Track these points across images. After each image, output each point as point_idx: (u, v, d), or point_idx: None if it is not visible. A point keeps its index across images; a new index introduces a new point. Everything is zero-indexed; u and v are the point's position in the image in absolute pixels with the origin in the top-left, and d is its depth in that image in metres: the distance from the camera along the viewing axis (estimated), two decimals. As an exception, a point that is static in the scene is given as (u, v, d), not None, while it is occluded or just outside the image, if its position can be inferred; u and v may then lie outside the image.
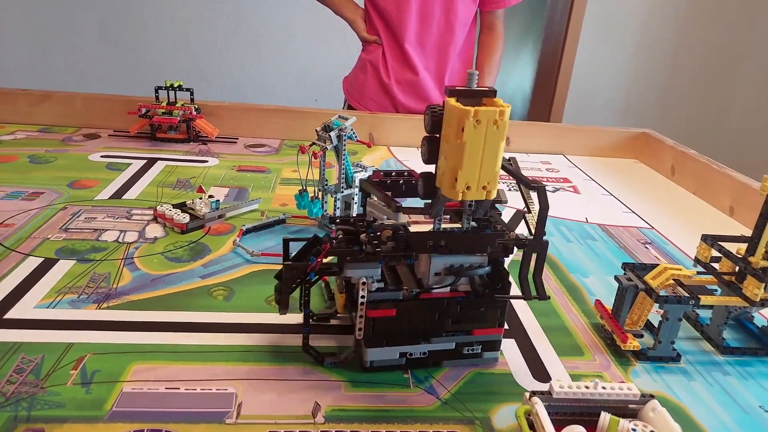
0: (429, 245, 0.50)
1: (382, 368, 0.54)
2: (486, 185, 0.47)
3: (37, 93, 1.22)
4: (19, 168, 0.98)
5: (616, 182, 1.19)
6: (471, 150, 0.45)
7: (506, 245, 0.53)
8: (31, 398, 0.47)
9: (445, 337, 0.54)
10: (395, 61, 1.41)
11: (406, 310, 0.52)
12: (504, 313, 0.55)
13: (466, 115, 0.44)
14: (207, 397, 0.49)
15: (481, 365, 0.56)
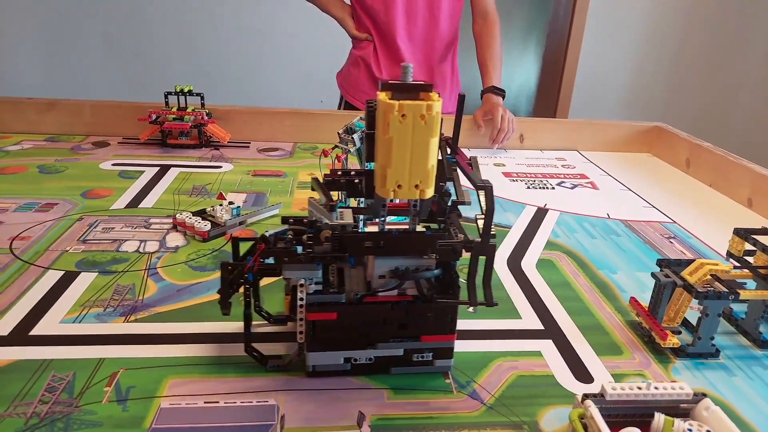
0: (365, 246, 0.48)
1: (326, 373, 0.52)
2: (418, 184, 0.44)
3: (44, 101, 1.20)
4: (29, 179, 0.96)
5: (631, 177, 1.18)
6: (398, 146, 0.43)
7: (454, 248, 0.49)
8: (66, 418, 0.46)
9: (392, 342, 0.51)
10: (386, 57, 1.40)
11: (348, 313, 0.50)
12: (455, 319, 0.52)
13: (390, 109, 0.42)
14: (248, 410, 0.48)
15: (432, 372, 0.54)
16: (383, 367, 0.53)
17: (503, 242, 0.84)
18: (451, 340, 0.53)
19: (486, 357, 0.57)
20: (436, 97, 0.43)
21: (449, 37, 1.42)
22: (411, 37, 1.38)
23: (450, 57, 1.47)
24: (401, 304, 0.50)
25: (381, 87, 0.44)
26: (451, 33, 1.42)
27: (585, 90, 2.60)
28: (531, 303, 0.68)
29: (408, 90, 0.43)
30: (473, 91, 1.41)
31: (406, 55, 1.39)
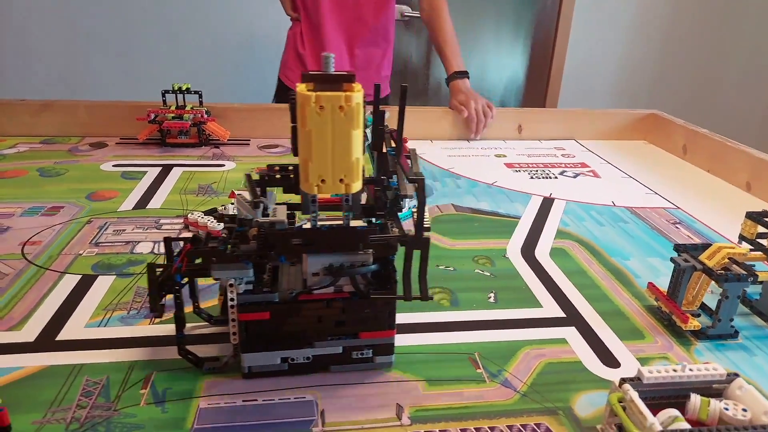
0: (292, 244, 0.47)
1: (262, 374, 0.51)
2: (343, 178, 0.43)
3: (37, 103, 1.18)
4: (31, 182, 0.94)
5: (630, 164, 1.20)
6: (317, 139, 0.42)
7: (389, 242, 0.49)
8: (106, 422, 0.46)
9: (330, 341, 0.51)
10: (309, 36, 1.40)
11: (281, 313, 0.49)
12: (393, 315, 0.51)
13: (307, 101, 0.41)
14: (287, 406, 0.48)
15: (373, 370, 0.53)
16: (322, 366, 0.52)
17: (514, 232, 0.85)
18: (390, 336, 0.52)
19: (513, 346, 0.58)
20: (358, 88, 0.42)
21: (378, 19, 1.40)
22: (336, 17, 1.37)
23: (383, 41, 1.46)
24: (336, 301, 0.49)
25: (302, 78, 0.42)
26: (380, 16, 1.40)
27: (574, 80, 2.62)
28: (550, 291, 0.69)
29: (329, 81, 0.42)
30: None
31: (329, 34, 1.37)
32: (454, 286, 0.69)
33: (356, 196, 0.47)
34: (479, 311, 0.64)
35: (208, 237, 0.50)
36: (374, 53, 1.46)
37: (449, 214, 0.91)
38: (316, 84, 0.42)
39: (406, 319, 0.61)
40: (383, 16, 1.42)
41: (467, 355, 0.56)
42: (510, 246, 0.80)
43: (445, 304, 0.65)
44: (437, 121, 1.33)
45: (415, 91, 2.73)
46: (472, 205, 0.95)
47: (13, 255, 0.71)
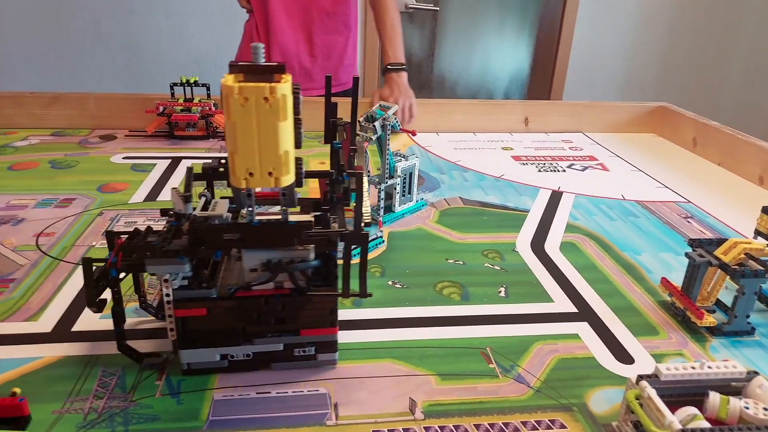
0: (224, 239, 0.46)
1: (201, 371, 0.50)
2: (272, 171, 0.42)
3: (47, 95, 1.18)
4: (43, 174, 0.95)
5: (639, 157, 1.20)
6: (242, 131, 0.41)
7: (330, 238, 0.47)
8: (123, 412, 0.46)
9: (270, 337, 0.50)
10: (263, 27, 1.36)
11: (219, 309, 0.47)
12: (335, 312, 0.50)
13: (231, 92, 0.40)
14: (300, 399, 0.48)
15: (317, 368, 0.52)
16: (263, 362, 0.51)
17: (523, 226, 0.84)
18: (333, 333, 0.51)
19: (525, 341, 0.58)
20: (287, 79, 0.41)
21: (331, 6, 1.35)
22: (286, 5, 1.33)
23: (343, 27, 1.41)
24: (275, 297, 0.48)
25: (230, 69, 0.41)
26: (333, 3, 1.35)
27: (579, 72, 2.60)
28: (561, 286, 0.68)
29: (258, 72, 0.41)
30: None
31: (280, 24, 1.33)
32: (464, 281, 0.69)
33: (290, 190, 0.46)
34: (490, 305, 0.64)
35: (148, 231, 0.50)
36: (335, 41, 1.40)
37: (457, 207, 0.90)
38: (245, 75, 0.41)
39: (416, 313, 0.62)
40: (342, 2, 1.37)
41: (479, 349, 0.56)
42: (519, 240, 0.80)
43: (456, 299, 0.65)
44: (443, 113, 1.33)
45: (419, 83, 2.72)
46: (480, 198, 0.94)
47: (28, 246, 0.71)
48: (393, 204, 0.84)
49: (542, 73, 2.68)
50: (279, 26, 1.34)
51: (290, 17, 1.34)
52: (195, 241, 0.46)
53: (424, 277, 0.69)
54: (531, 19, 2.62)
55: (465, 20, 2.60)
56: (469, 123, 1.34)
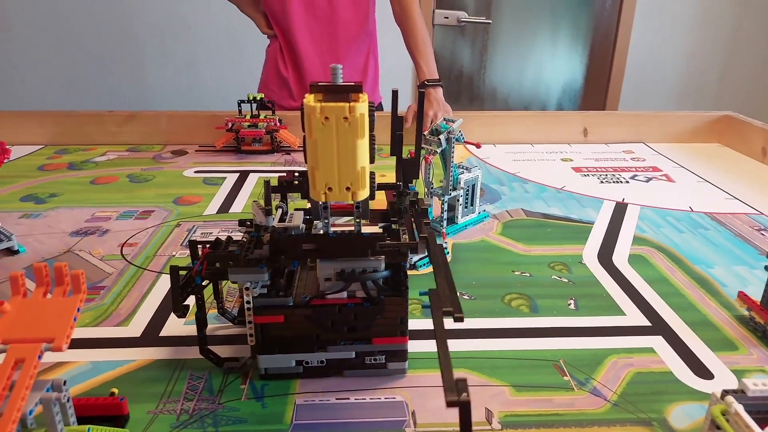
0: (302, 249, 0.48)
1: (278, 376, 0.52)
2: (350, 186, 0.44)
3: (124, 114, 1.26)
4: (122, 188, 1.01)
5: (705, 168, 1.16)
6: (323, 148, 0.43)
7: (401, 250, 0.49)
8: (213, 414, 0.49)
9: (343, 345, 0.51)
10: (288, 52, 1.39)
11: (296, 316, 0.50)
12: (405, 321, 0.51)
13: (313, 111, 0.42)
14: (379, 406, 0.50)
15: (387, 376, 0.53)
16: (336, 370, 0.53)
17: (589, 238, 0.84)
18: (403, 342, 0.52)
19: (598, 354, 0.57)
20: (363, 99, 0.43)
21: (355, 28, 1.37)
22: (310, 29, 1.34)
23: (366, 49, 1.43)
24: (348, 306, 0.50)
25: (310, 89, 0.43)
26: (357, 24, 1.36)
27: (635, 82, 2.54)
28: (632, 299, 0.67)
29: (336, 91, 0.43)
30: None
31: (304, 49, 1.36)
32: (532, 293, 0.69)
33: (365, 203, 0.48)
34: (560, 318, 0.64)
35: (229, 241, 0.52)
36: (359, 60, 1.43)
37: (520, 219, 0.90)
38: (324, 95, 0.43)
39: (485, 324, 0.62)
40: (364, 21, 1.38)
41: (552, 362, 0.56)
42: (586, 252, 0.79)
43: (525, 310, 0.65)
44: (499, 125, 1.33)
45: (470, 95, 2.72)
46: (543, 210, 0.94)
47: (114, 256, 0.76)
48: (456, 215, 0.85)
49: (596, 84, 2.64)
50: (305, 52, 1.37)
51: (316, 42, 1.37)
52: (275, 250, 0.49)
53: (492, 288, 0.69)
54: (584, 29, 2.59)
55: (517, 32, 2.59)
56: (526, 134, 1.33)
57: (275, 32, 1.40)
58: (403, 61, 1.50)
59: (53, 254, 0.76)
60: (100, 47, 2.40)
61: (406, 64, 1.52)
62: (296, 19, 1.33)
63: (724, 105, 2.56)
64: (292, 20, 1.33)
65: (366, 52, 1.45)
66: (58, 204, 0.93)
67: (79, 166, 1.12)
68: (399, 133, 0.61)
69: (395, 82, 1.30)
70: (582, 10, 2.56)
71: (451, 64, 2.63)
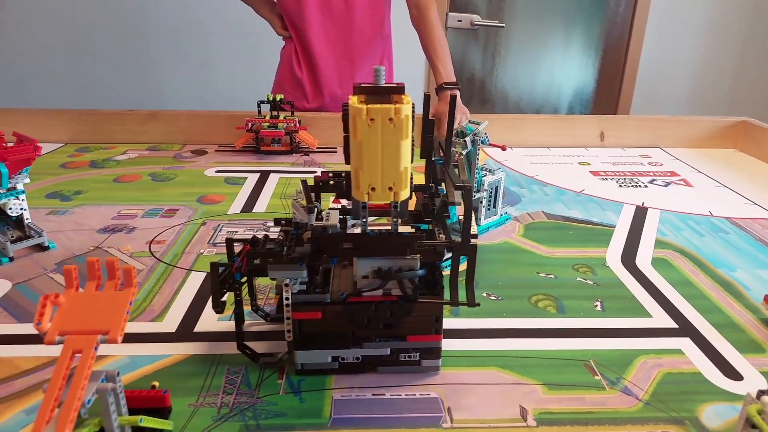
0: (343, 247, 0.49)
1: (314, 371, 0.53)
2: (392, 186, 0.45)
3: (145, 113, 1.27)
4: (145, 186, 1.02)
5: (722, 173, 1.16)
6: (368, 149, 0.43)
7: (436, 248, 0.50)
8: (252, 408, 0.50)
9: (378, 342, 0.52)
10: (303, 54, 1.39)
11: (332, 313, 0.50)
12: (440, 320, 0.52)
13: (359, 113, 0.42)
14: (414, 402, 0.51)
15: (421, 373, 0.54)
16: (370, 366, 0.53)
17: (612, 241, 0.84)
18: (437, 340, 0.53)
19: (627, 355, 0.58)
20: (407, 100, 0.43)
21: (371, 31, 1.37)
22: (326, 32, 1.35)
23: (380, 52, 1.44)
24: (384, 303, 0.51)
25: (354, 90, 0.44)
26: (373, 27, 1.37)
27: (647, 87, 2.55)
28: (657, 301, 0.68)
29: (380, 93, 0.44)
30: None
31: (319, 51, 1.36)
32: (558, 294, 0.69)
33: (404, 203, 0.48)
34: (587, 319, 0.64)
35: (266, 239, 0.53)
36: (371, 65, 1.41)
37: (541, 222, 0.91)
38: (367, 96, 0.44)
39: (514, 324, 0.63)
40: (379, 23, 1.39)
41: (582, 361, 0.57)
42: (609, 254, 0.80)
43: (552, 311, 0.66)
44: (515, 128, 1.34)
45: (481, 98, 2.73)
46: (563, 213, 0.95)
47: (143, 253, 0.77)
48: (479, 218, 0.86)
49: (609, 88, 2.64)
50: (320, 54, 1.38)
51: (331, 44, 1.38)
52: (317, 248, 0.50)
53: (518, 289, 0.70)
54: (596, 33, 2.59)
55: (529, 36, 2.60)
56: (542, 138, 1.34)
57: (290, 34, 1.41)
58: (414, 63, 1.50)
59: (83, 251, 0.77)
60: (115, 48, 2.42)
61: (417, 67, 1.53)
62: (312, 21, 1.34)
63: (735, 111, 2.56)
64: (308, 22, 1.34)
65: (380, 55, 1.46)
66: (83, 201, 0.94)
67: (101, 165, 1.13)
68: (430, 136, 0.62)
69: (406, 86, 1.33)
70: (595, 14, 2.57)
71: (462, 67, 2.64)
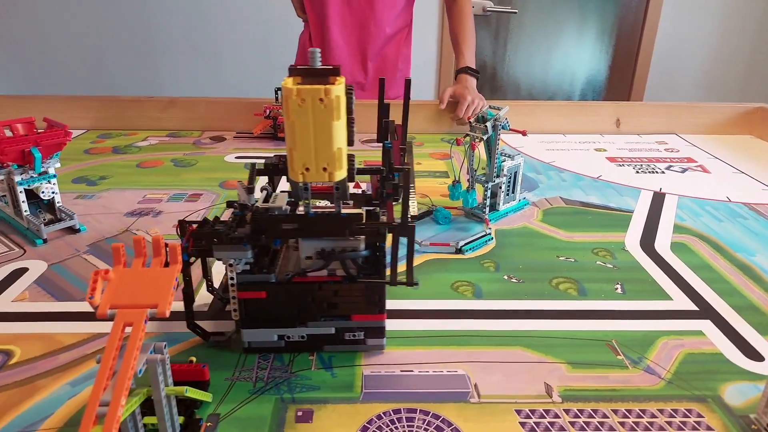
0: (282, 228, 0.50)
1: (261, 349, 0.54)
2: (326, 167, 0.45)
3: (165, 99, 1.29)
4: (168, 171, 1.04)
5: (739, 159, 1.17)
6: (300, 130, 0.44)
7: (379, 230, 0.51)
8: (287, 382, 0.51)
9: (323, 321, 0.53)
10: (318, 39, 1.40)
11: (277, 292, 0.51)
12: (383, 299, 0.53)
13: (290, 94, 0.43)
14: (442, 378, 0.52)
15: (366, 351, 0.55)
16: (316, 345, 0.55)
17: (630, 226, 0.85)
18: (381, 319, 0.54)
19: (649, 336, 0.59)
20: (340, 81, 0.44)
21: (389, 20, 1.38)
22: (344, 20, 1.36)
23: (396, 41, 1.44)
24: (328, 283, 0.52)
25: (289, 72, 0.44)
26: (390, 16, 1.38)
27: (660, 73, 2.53)
28: (677, 285, 0.69)
29: (315, 74, 0.44)
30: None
31: (336, 37, 1.37)
32: (578, 277, 0.70)
33: (343, 184, 0.48)
34: (609, 301, 0.65)
35: (216, 221, 0.54)
36: (389, 51, 1.44)
37: (559, 207, 0.92)
38: (303, 78, 0.44)
39: (536, 306, 0.64)
40: (397, 22, 1.40)
41: (604, 341, 0.58)
42: (628, 239, 0.81)
43: (573, 293, 0.67)
44: (529, 114, 1.34)
45: (493, 86, 2.72)
46: (581, 199, 0.96)
47: (171, 236, 0.79)
48: (497, 202, 0.87)
49: (622, 75, 2.63)
50: (335, 41, 1.38)
51: (346, 32, 1.38)
52: (256, 229, 0.51)
53: (538, 272, 0.71)
54: (610, 19, 2.57)
55: (541, 22, 2.58)
56: (558, 124, 1.35)
57: (307, 17, 1.42)
58: (426, 56, 1.50)
59: (112, 233, 0.79)
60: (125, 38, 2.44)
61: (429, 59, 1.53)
62: (332, 7, 1.35)
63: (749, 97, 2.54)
64: (328, 8, 1.35)
65: (398, 45, 1.46)
66: (109, 186, 0.96)
67: (124, 150, 1.15)
68: (385, 120, 0.64)
69: (416, 76, 1.34)
70: (609, 0, 2.55)
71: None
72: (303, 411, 0.48)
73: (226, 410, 0.48)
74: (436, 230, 0.82)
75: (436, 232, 0.81)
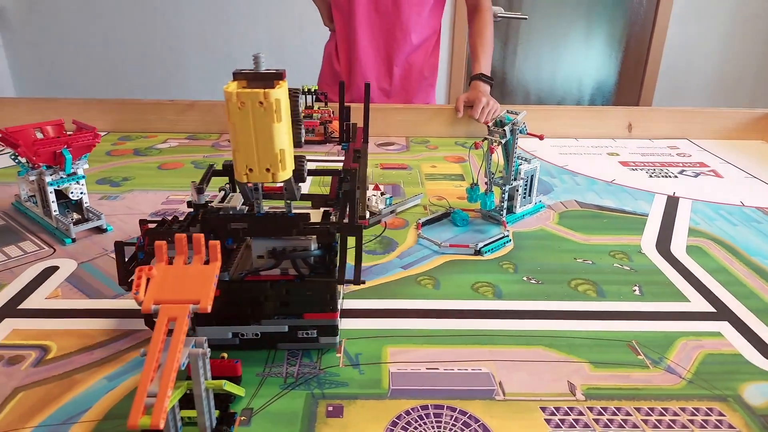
0: (230, 228, 0.50)
1: (216, 347, 0.53)
2: (269, 167, 0.46)
3: (184, 102, 1.31)
4: (189, 174, 1.06)
5: (751, 164, 1.17)
6: (242, 132, 0.45)
7: (329, 229, 0.52)
8: (316, 378, 0.53)
9: (276, 319, 0.54)
10: (344, 48, 1.41)
11: (230, 291, 0.52)
12: (334, 298, 0.54)
13: (230, 97, 0.44)
14: (467, 376, 0.54)
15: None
16: (270, 342, 0.56)
17: (645, 229, 0.86)
18: (333, 318, 0.55)
19: (669, 336, 0.60)
20: (282, 85, 0.45)
21: (415, 26, 1.39)
22: (371, 25, 1.38)
23: (424, 49, 1.45)
24: (279, 282, 0.53)
25: (233, 77, 0.45)
26: (418, 24, 1.39)
27: (670, 79, 2.54)
28: (694, 287, 0.70)
29: (259, 78, 0.45)
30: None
31: (363, 45, 1.39)
32: (596, 279, 0.72)
33: (288, 184, 0.50)
34: (627, 302, 0.67)
35: (174, 220, 0.55)
36: (415, 59, 1.45)
37: (574, 210, 0.93)
38: (247, 82, 0.46)
39: (555, 307, 0.65)
40: (424, 30, 1.41)
41: (625, 342, 0.59)
42: (644, 242, 0.82)
43: (592, 295, 0.68)
44: (541, 119, 1.35)
45: (502, 91, 2.74)
46: (596, 202, 0.97)
47: (195, 236, 0.80)
48: (514, 205, 0.88)
49: (631, 81, 2.64)
50: (363, 49, 1.40)
51: (373, 37, 1.40)
52: (206, 228, 0.52)
53: (557, 274, 0.72)
54: (619, 25, 2.58)
55: (550, 28, 2.60)
56: (570, 129, 1.36)
57: (334, 27, 1.44)
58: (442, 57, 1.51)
59: (138, 234, 0.81)
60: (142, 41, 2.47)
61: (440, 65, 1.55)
62: (360, 13, 1.37)
63: (759, 103, 2.54)
64: (357, 14, 1.37)
65: (426, 53, 1.47)
66: (132, 187, 0.98)
67: (145, 152, 1.17)
68: (347, 123, 0.65)
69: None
70: (618, 5, 2.56)
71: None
72: (333, 406, 0.50)
73: (259, 405, 0.50)
74: (454, 232, 0.84)
75: (455, 234, 0.83)
